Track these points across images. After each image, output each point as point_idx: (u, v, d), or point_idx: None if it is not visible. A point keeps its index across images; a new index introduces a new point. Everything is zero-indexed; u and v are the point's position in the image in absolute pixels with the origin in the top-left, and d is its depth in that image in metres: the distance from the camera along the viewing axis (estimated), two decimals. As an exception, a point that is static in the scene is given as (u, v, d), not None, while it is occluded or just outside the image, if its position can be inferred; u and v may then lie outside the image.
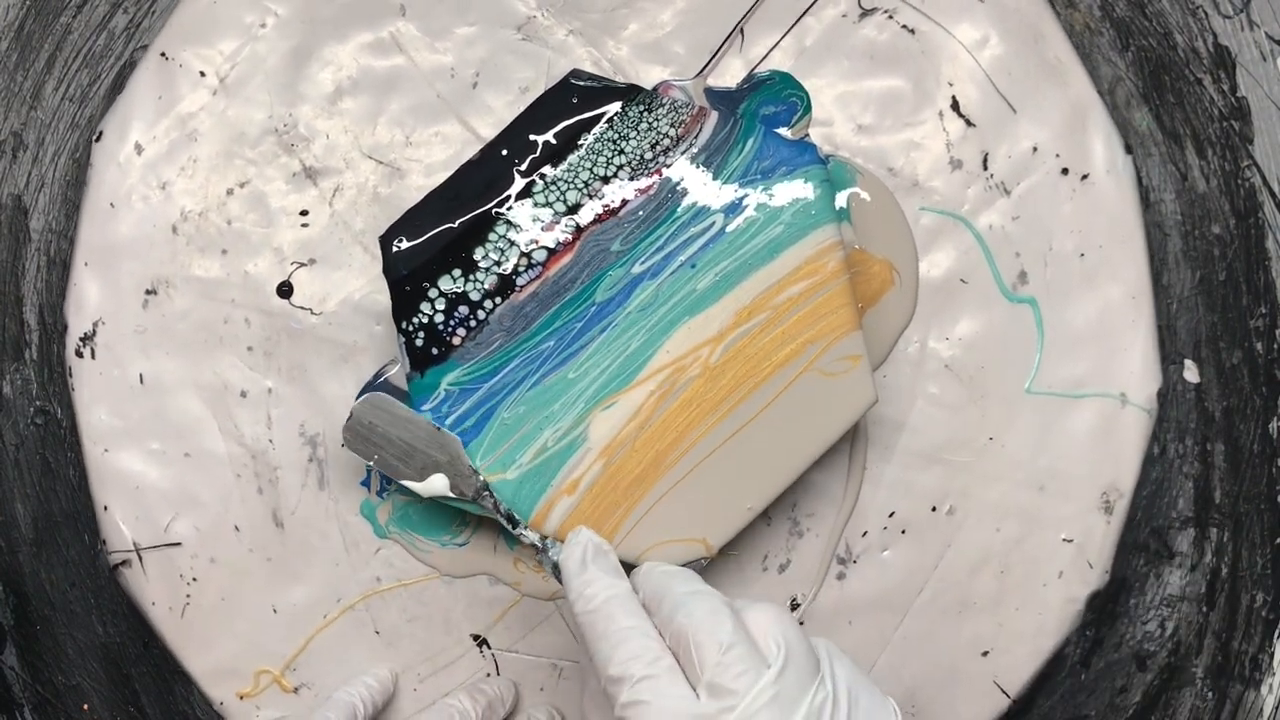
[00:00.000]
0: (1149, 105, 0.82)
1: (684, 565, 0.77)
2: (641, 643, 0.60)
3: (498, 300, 0.76)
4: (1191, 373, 0.82)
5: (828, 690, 0.58)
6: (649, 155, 0.77)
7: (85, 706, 0.85)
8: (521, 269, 0.76)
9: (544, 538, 0.72)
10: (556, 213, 0.76)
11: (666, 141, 0.77)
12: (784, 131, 0.81)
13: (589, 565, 0.65)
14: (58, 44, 0.85)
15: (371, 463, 0.76)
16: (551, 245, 0.76)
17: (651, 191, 0.76)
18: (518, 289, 0.76)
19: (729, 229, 0.76)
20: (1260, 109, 0.82)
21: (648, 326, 0.76)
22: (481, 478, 0.75)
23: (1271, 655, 0.82)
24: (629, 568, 0.79)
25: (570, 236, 0.76)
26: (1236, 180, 0.82)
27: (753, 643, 0.59)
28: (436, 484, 0.76)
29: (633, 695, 0.58)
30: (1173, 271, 0.82)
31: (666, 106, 0.77)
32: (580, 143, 0.77)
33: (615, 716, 0.59)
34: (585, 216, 0.76)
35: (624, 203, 0.76)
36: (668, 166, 0.77)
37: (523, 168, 0.77)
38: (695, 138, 0.77)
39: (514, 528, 0.73)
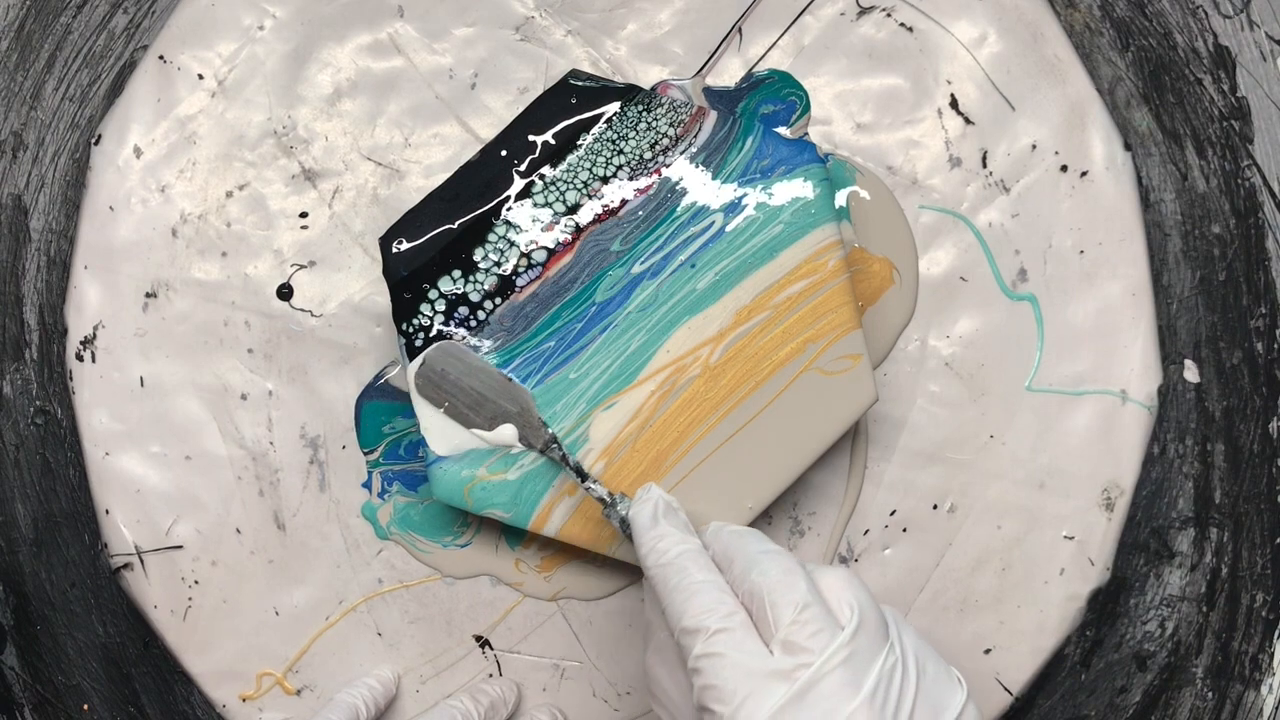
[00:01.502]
0: (1149, 105, 0.82)
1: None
2: (716, 596, 0.60)
3: (498, 301, 0.76)
4: (1191, 373, 0.82)
5: (897, 655, 0.58)
6: (648, 155, 0.77)
7: (85, 706, 0.85)
8: (521, 269, 0.76)
9: (611, 493, 0.72)
10: (556, 213, 0.76)
11: (665, 141, 0.77)
12: (783, 130, 0.81)
13: (660, 520, 0.65)
14: (58, 44, 0.85)
15: (442, 409, 0.76)
16: (551, 246, 0.76)
17: (651, 191, 0.76)
18: (518, 289, 0.76)
19: (728, 228, 0.76)
20: (1260, 109, 0.82)
21: (648, 326, 0.76)
22: (550, 430, 0.75)
23: (1271, 655, 0.82)
24: (635, 568, 0.79)
25: (570, 237, 0.76)
26: (1236, 180, 0.82)
27: (826, 605, 0.59)
28: (505, 434, 0.75)
29: (707, 648, 0.58)
30: (1173, 271, 0.82)
31: (665, 106, 0.77)
32: (579, 143, 0.77)
33: (689, 668, 0.59)
34: (585, 216, 0.76)
35: (623, 203, 0.76)
36: (667, 166, 0.77)
37: (522, 168, 0.77)
38: (694, 137, 0.77)
39: (583, 480, 0.73)
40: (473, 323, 0.76)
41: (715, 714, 0.57)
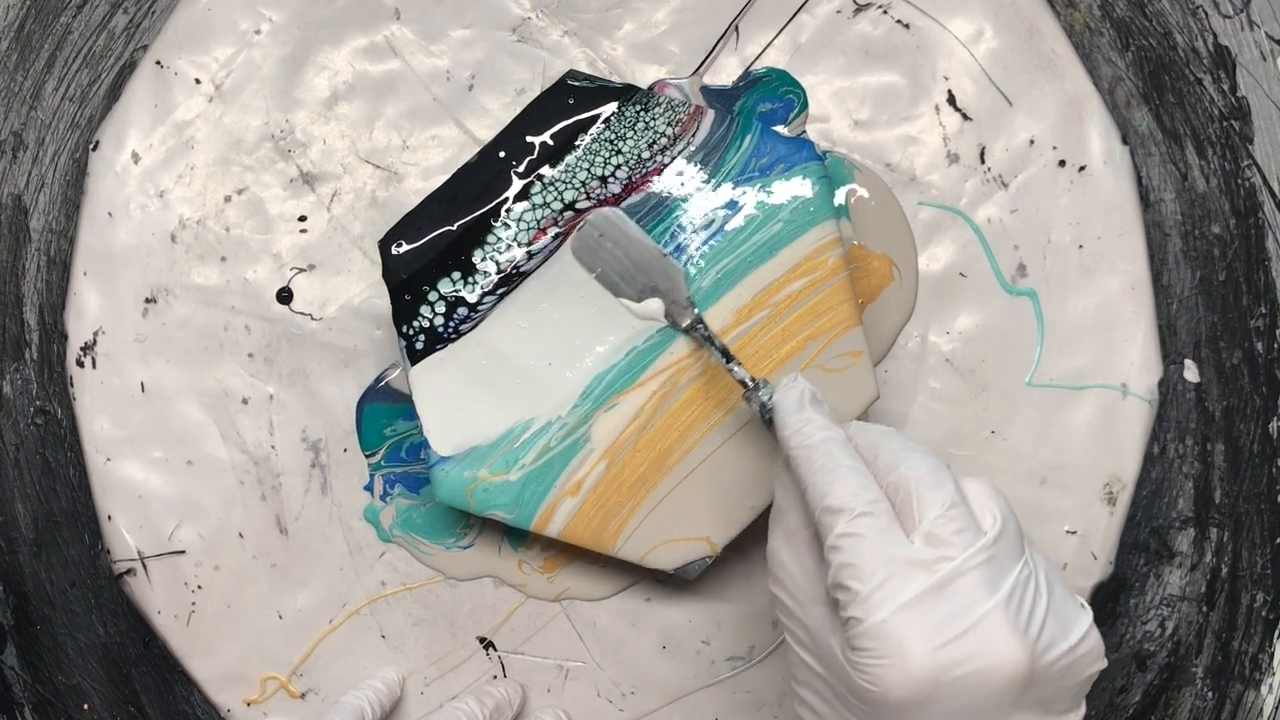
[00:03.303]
0: (1149, 105, 0.82)
1: (687, 565, 0.77)
2: (861, 481, 0.60)
3: (498, 300, 0.76)
4: (1191, 373, 0.82)
5: (1031, 569, 0.59)
6: (646, 154, 0.77)
7: (85, 706, 0.85)
8: (521, 270, 0.76)
9: (753, 377, 0.71)
10: (554, 213, 0.76)
11: (664, 140, 0.77)
12: (781, 129, 0.81)
13: (807, 406, 0.65)
14: (58, 44, 0.85)
15: (594, 275, 0.75)
16: (551, 246, 0.76)
17: (649, 191, 0.76)
18: (517, 290, 0.76)
19: (728, 227, 0.76)
20: (1260, 109, 0.82)
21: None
22: (697, 310, 0.75)
23: (1271, 655, 0.82)
24: (638, 568, 0.79)
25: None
26: (1236, 180, 0.82)
27: (970, 508, 0.59)
28: (652, 307, 0.75)
29: (850, 528, 0.58)
30: (1173, 271, 0.82)
31: (663, 106, 0.77)
32: (577, 143, 0.77)
33: (827, 546, 0.59)
34: (584, 217, 0.77)
35: (621, 203, 0.76)
36: (665, 165, 0.76)
37: (520, 169, 0.77)
38: (692, 136, 0.77)
39: (728, 362, 0.72)
40: (472, 324, 0.76)
41: (851, 591, 0.57)
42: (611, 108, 0.77)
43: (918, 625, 0.56)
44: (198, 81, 0.83)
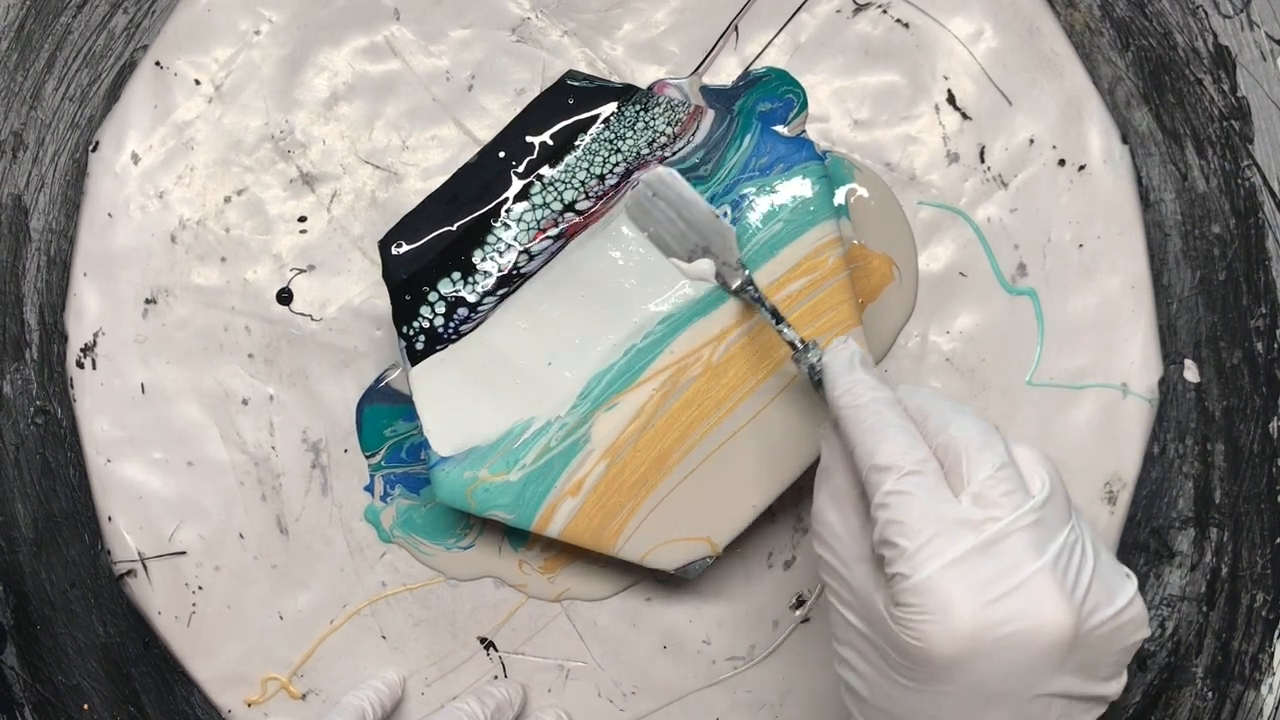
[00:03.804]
0: (1149, 105, 0.82)
1: (688, 565, 0.77)
2: (910, 441, 0.60)
3: (498, 300, 0.76)
4: (1191, 373, 0.82)
5: (1078, 535, 0.59)
6: (646, 154, 0.77)
7: (85, 706, 0.85)
8: (521, 270, 0.76)
9: (802, 339, 0.71)
10: (554, 213, 0.76)
11: (663, 140, 0.77)
12: (780, 128, 0.81)
13: (857, 368, 0.65)
14: (58, 44, 0.85)
15: (646, 234, 0.76)
16: (551, 247, 0.76)
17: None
18: (517, 290, 0.76)
19: (728, 227, 0.76)
20: (1260, 109, 0.82)
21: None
22: (748, 272, 0.75)
23: (1271, 655, 0.82)
24: (638, 568, 0.79)
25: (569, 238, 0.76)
26: (1236, 180, 0.81)
27: (1019, 471, 0.60)
28: (702, 267, 0.75)
29: (898, 486, 0.58)
30: (1173, 271, 0.82)
31: (663, 105, 0.77)
32: (577, 143, 0.77)
33: (874, 504, 0.59)
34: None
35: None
36: (665, 160, 0.77)
37: (520, 169, 0.77)
38: (692, 136, 0.77)
39: (778, 323, 0.72)
40: (472, 324, 0.76)
41: (898, 548, 0.57)
42: (611, 108, 0.77)
43: (964, 582, 0.56)
44: (197, 82, 0.83)
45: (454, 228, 0.76)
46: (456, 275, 0.76)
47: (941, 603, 0.56)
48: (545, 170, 0.76)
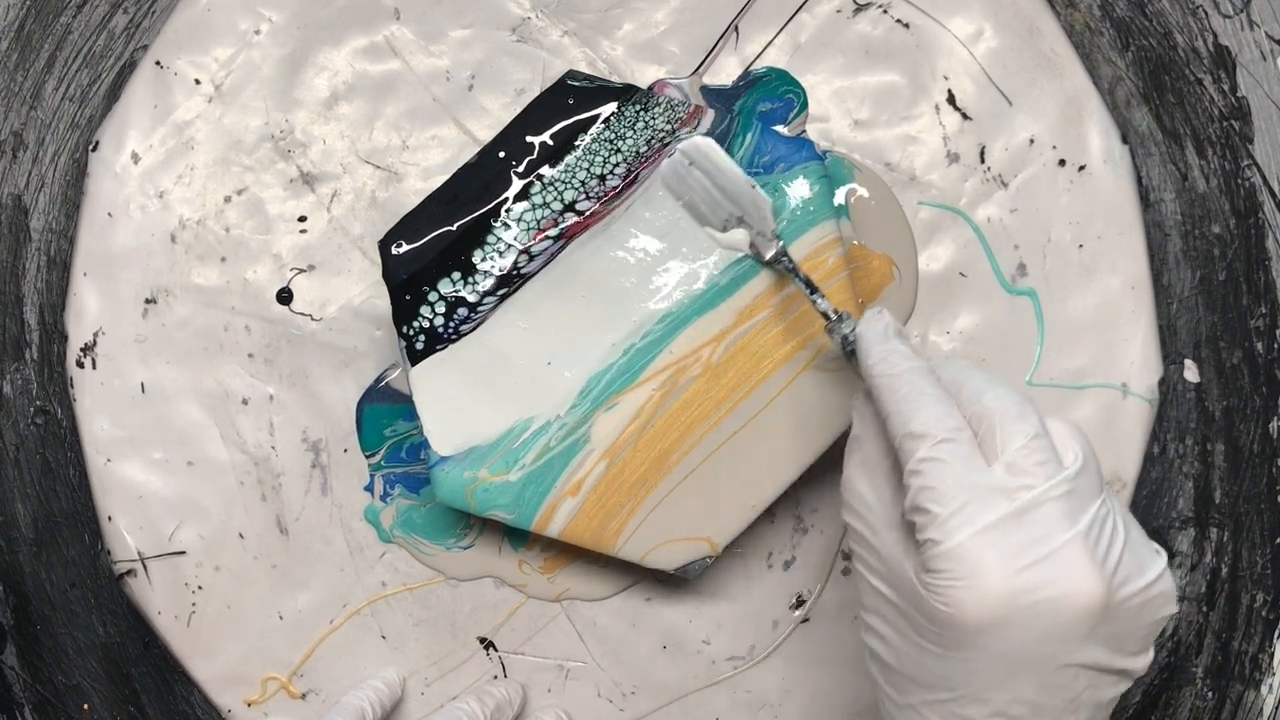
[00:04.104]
0: (1149, 105, 0.82)
1: (688, 565, 0.77)
2: (945, 409, 0.60)
3: (498, 300, 0.76)
4: (1191, 373, 0.82)
5: (1110, 508, 0.59)
6: (646, 154, 0.76)
7: (85, 706, 0.85)
8: (521, 270, 0.76)
9: (836, 309, 0.71)
10: (554, 213, 0.76)
11: (663, 139, 0.77)
12: (780, 128, 0.81)
13: (892, 337, 0.65)
14: (58, 44, 0.85)
15: (681, 203, 0.75)
16: (551, 247, 0.76)
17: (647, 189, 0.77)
18: (517, 290, 0.76)
19: (728, 227, 0.76)
20: (1260, 109, 0.82)
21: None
22: (782, 243, 0.75)
23: (1271, 655, 0.82)
24: (638, 568, 0.79)
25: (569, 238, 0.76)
26: (1236, 180, 0.81)
27: (1053, 443, 0.60)
28: (737, 237, 0.75)
29: (932, 453, 0.58)
30: (1173, 271, 0.82)
31: (663, 105, 0.77)
32: (577, 143, 0.77)
33: (907, 471, 0.59)
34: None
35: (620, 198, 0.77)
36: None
37: (520, 169, 0.77)
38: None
39: (812, 293, 0.72)
40: (472, 324, 0.76)
41: (930, 514, 0.57)
42: (611, 108, 0.77)
43: (996, 549, 0.56)
44: (197, 82, 0.83)
45: (454, 228, 0.76)
46: (456, 275, 0.76)
47: (972, 568, 0.56)
48: (545, 170, 0.76)
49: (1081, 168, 0.81)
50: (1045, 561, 0.56)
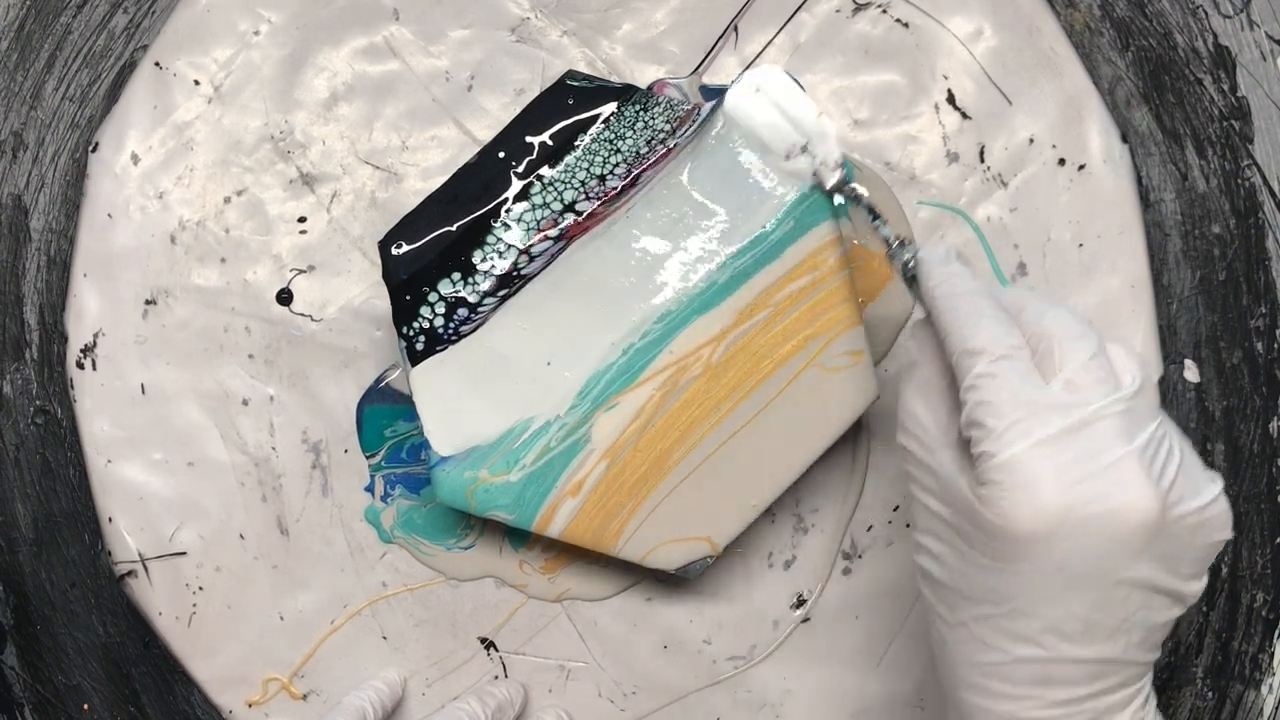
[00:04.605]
0: (1149, 105, 0.82)
1: (689, 565, 0.77)
2: (1005, 329, 0.60)
3: (499, 300, 0.76)
4: (1191, 373, 0.82)
5: (1166, 430, 0.59)
6: (646, 154, 0.76)
7: (85, 706, 0.85)
8: (521, 270, 0.76)
9: (898, 235, 0.71)
10: (554, 213, 0.76)
11: (663, 139, 0.77)
12: (780, 128, 0.81)
13: (953, 260, 0.66)
14: (58, 44, 0.85)
15: (745, 129, 0.75)
16: (551, 247, 0.76)
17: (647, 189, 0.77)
18: (517, 290, 0.76)
19: (728, 227, 0.76)
20: (1260, 109, 0.82)
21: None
22: (845, 171, 0.75)
23: (1271, 655, 0.82)
24: (639, 568, 0.79)
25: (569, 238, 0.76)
26: (1236, 180, 0.81)
27: (1112, 364, 0.60)
28: (800, 165, 0.75)
29: (989, 368, 0.58)
30: (1173, 271, 0.82)
31: (662, 105, 0.77)
32: (577, 144, 0.77)
33: (964, 387, 0.59)
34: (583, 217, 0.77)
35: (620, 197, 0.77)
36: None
37: (520, 170, 0.77)
38: (692, 136, 0.77)
39: (874, 219, 0.72)
40: (473, 325, 0.76)
41: (986, 428, 0.57)
42: (611, 108, 0.77)
43: (1050, 462, 0.56)
44: (197, 83, 0.83)
45: (454, 228, 0.76)
46: (456, 276, 0.76)
47: (1026, 480, 0.56)
48: (545, 170, 0.76)
49: (1081, 167, 0.81)
50: (1100, 475, 0.56)
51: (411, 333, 0.76)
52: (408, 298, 0.76)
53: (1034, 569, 0.57)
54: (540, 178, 0.76)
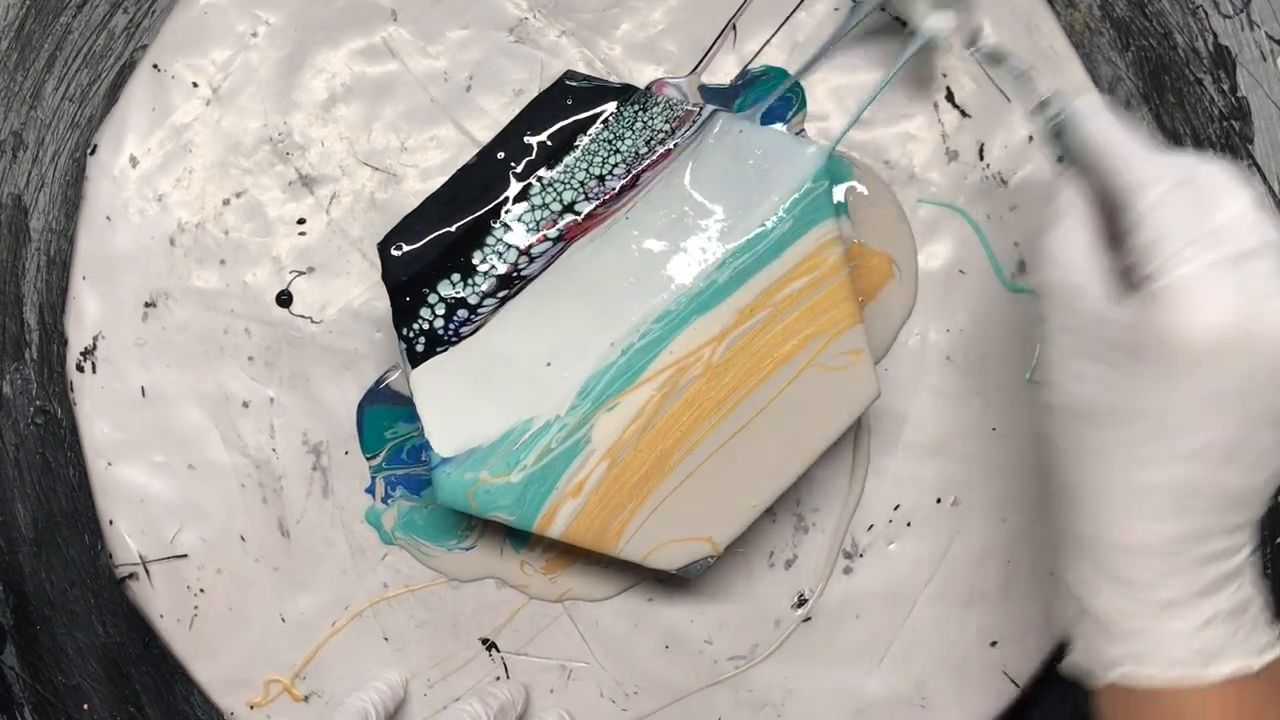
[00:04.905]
0: (1149, 105, 0.82)
1: (690, 565, 0.77)
2: (1169, 167, 0.61)
3: (499, 301, 0.76)
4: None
5: None
6: (645, 154, 0.76)
7: (85, 706, 0.85)
8: (521, 270, 0.76)
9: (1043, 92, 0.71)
10: (553, 214, 0.76)
11: (662, 139, 0.76)
12: (780, 127, 0.81)
13: (1107, 111, 0.66)
14: (58, 44, 0.85)
15: None
16: (551, 248, 0.76)
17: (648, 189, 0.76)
18: (518, 291, 0.76)
19: (727, 227, 0.76)
20: (1260, 109, 0.82)
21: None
22: (983, 28, 0.76)
23: (1272, 654, 0.82)
24: (640, 568, 0.79)
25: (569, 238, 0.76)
26: (1237, 180, 0.82)
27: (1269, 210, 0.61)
28: (940, 23, 0.76)
29: (1157, 200, 0.60)
30: (1174, 271, 0.82)
31: (661, 105, 0.77)
32: (576, 144, 0.76)
33: (1130, 221, 0.60)
34: (583, 217, 0.76)
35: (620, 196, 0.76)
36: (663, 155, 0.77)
37: (519, 170, 0.76)
38: (691, 136, 0.77)
39: (1018, 74, 0.72)
40: (472, 326, 0.76)
41: (1153, 253, 0.58)
42: (610, 108, 0.77)
43: (1215, 286, 0.57)
44: (195, 85, 0.83)
45: (453, 229, 0.76)
46: (456, 277, 0.76)
47: (1190, 301, 0.57)
48: (544, 171, 0.76)
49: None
50: (1264, 302, 0.57)
51: (411, 334, 0.76)
52: (407, 299, 0.76)
53: (1187, 390, 0.57)
54: (539, 178, 0.76)
